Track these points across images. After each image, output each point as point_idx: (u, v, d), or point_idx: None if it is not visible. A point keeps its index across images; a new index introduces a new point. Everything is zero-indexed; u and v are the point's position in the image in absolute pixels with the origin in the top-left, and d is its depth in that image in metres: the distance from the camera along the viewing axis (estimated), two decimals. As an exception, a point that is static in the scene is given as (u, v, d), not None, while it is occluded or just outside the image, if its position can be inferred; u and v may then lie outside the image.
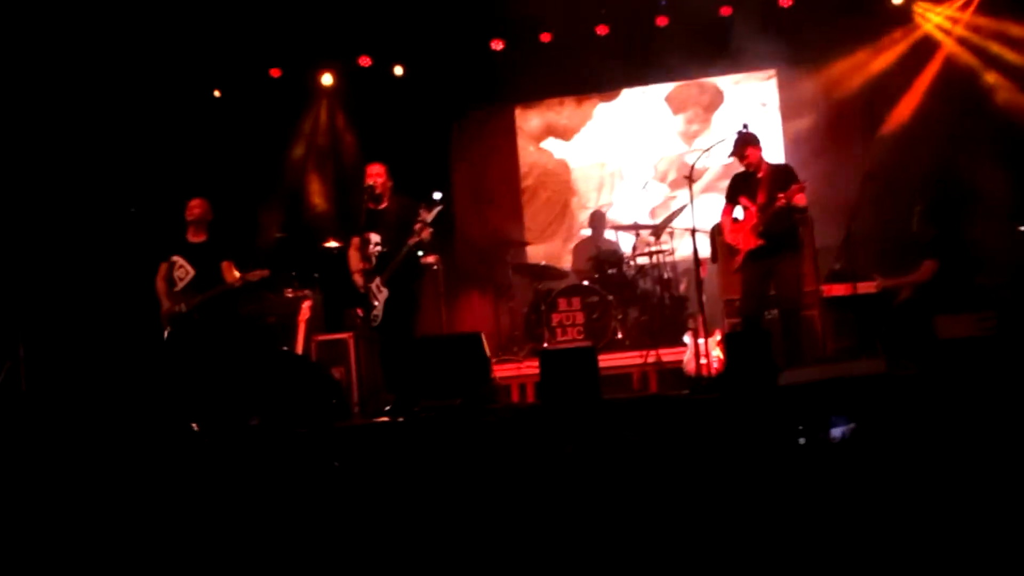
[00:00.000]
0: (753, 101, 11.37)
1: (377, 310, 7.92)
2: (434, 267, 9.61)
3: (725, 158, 8.18)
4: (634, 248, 10.21)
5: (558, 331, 9.73)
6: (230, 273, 8.08)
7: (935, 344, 7.39)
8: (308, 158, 11.51)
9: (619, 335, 9.69)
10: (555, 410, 6.48)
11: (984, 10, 10.40)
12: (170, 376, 8.12)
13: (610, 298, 9.71)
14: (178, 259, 8.20)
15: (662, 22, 10.69)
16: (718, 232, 8.61)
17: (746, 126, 8.08)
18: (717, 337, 8.63)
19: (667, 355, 9.16)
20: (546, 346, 9.47)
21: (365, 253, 7.93)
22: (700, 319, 8.06)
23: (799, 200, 7.73)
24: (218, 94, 11.15)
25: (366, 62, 11.18)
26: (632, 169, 11.62)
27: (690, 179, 7.90)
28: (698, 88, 11.57)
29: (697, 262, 7.96)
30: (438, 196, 8.20)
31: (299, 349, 8.95)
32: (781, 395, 5.11)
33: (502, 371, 9.22)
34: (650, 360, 9.15)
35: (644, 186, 11.10)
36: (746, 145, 7.96)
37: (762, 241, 7.82)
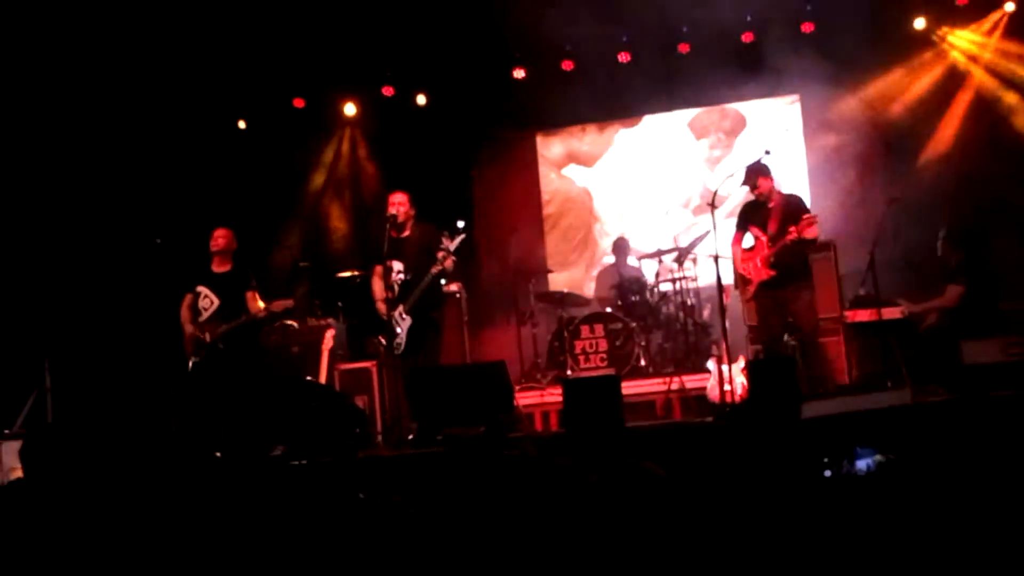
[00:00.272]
0: (776, 126, 11.35)
1: (400, 338, 7.94)
2: (457, 295, 9.62)
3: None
4: (657, 275, 10.19)
5: (581, 358, 9.71)
6: (255, 303, 8.12)
7: (961, 370, 7.33)
8: (330, 187, 11.57)
9: (642, 362, 9.66)
10: (579, 438, 6.46)
11: (1011, 34, 10.37)
12: (195, 406, 8.16)
13: (633, 325, 9.68)
14: (203, 289, 8.24)
15: (684, 49, 10.71)
16: (738, 259, 8.62)
17: (768, 152, 8.09)
18: (741, 363, 8.59)
19: (691, 382, 9.12)
20: (570, 374, 9.44)
21: (388, 281, 7.95)
22: (724, 345, 8.03)
23: (810, 233, 7.77)
24: (243, 125, 11.23)
25: (389, 91, 11.24)
26: (654, 195, 11.61)
27: (712, 205, 7.89)
28: (720, 113, 11.57)
29: (720, 288, 7.93)
30: (461, 224, 8.22)
31: (322, 378, 8.97)
32: (805, 427, 5.08)
33: (525, 399, 9.19)
34: (674, 387, 9.11)
35: (666, 212, 11.09)
36: (758, 175, 8.02)
37: (773, 272, 7.89)
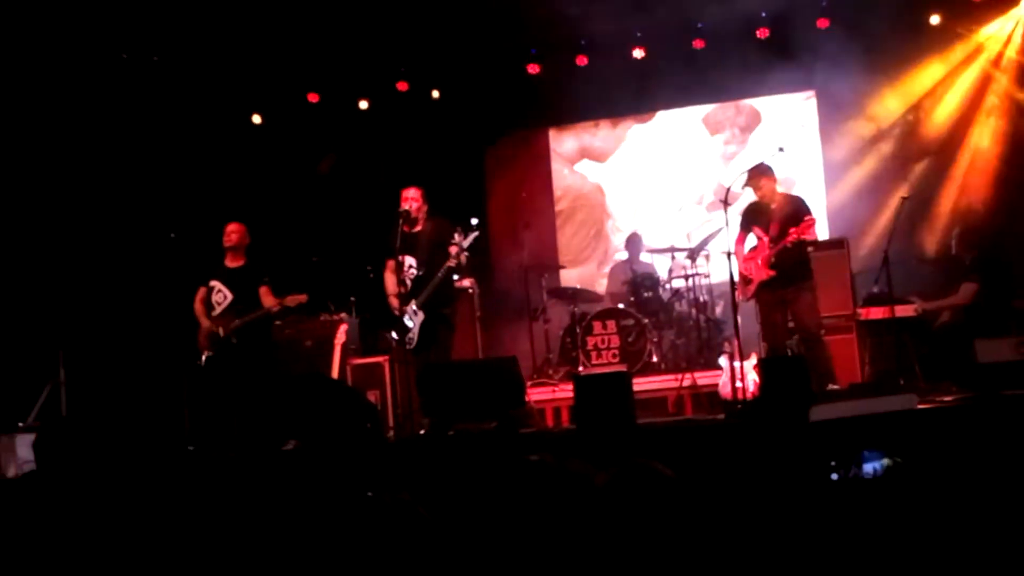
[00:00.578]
0: (792, 122, 11.31)
1: (412, 333, 7.96)
2: (470, 290, 9.63)
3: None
4: (670, 271, 10.18)
5: (593, 354, 9.71)
6: (268, 298, 8.15)
7: (975, 368, 7.30)
8: (347, 181, 11.58)
9: (654, 358, 9.65)
10: (590, 435, 6.47)
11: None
12: (208, 400, 8.20)
13: (645, 321, 9.68)
14: (216, 283, 8.28)
15: (699, 44, 10.67)
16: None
17: (782, 150, 8.11)
18: (753, 360, 8.58)
19: (703, 378, 9.12)
20: (581, 370, 9.45)
21: (400, 276, 7.97)
22: (736, 342, 8.04)
23: (810, 235, 7.89)
24: (258, 119, 11.25)
25: (403, 87, 11.24)
26: (667, 192, 11.59)
27: (725, 202, 7.89)
28: (735, 109, 11.54)
29: (733, 285, 7.93)
30: (475, 222, 8.23)
31: (335, 373, 8.99)
32: (812, 430, 5.07)
33: (537, 394, 9.20)
34: (685, 383, 9.10)
35: (679, 209, 11.08)
36: (760, 176, 8.10)
37: (773, 272, 7.95)
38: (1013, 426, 5.32)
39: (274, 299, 8.13)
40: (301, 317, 9.14)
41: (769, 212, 8.08)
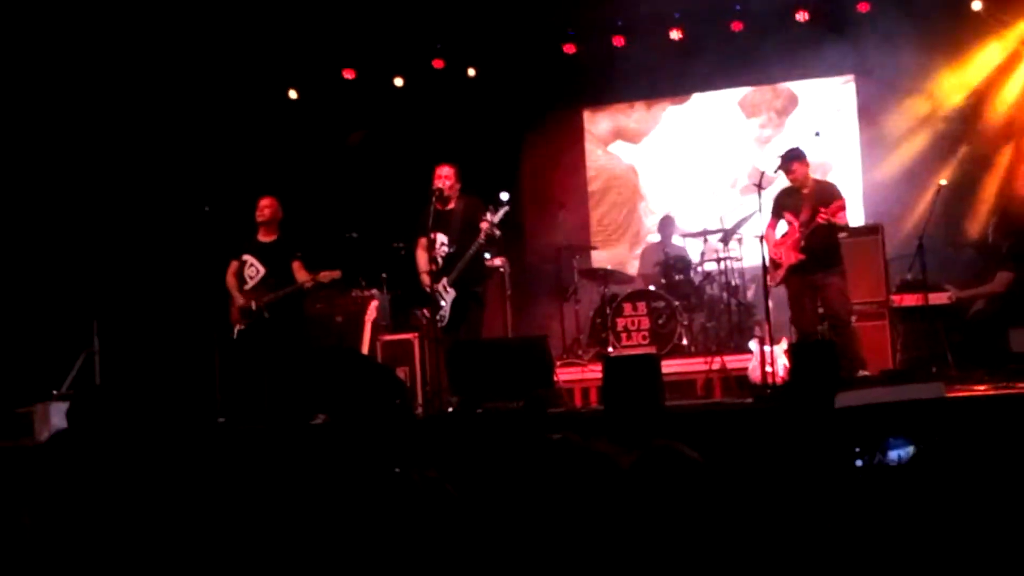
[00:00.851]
0: (829, 106, 11.20)
1: (444, 311, 7.99)
2: (501, 269, 9.64)
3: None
4: (702, 254, 10.14)
5: (623, 336, 9.70)
6: (302, 273, 8.20)
7: (1008, 357, 7.26)
8: (380, 158, 11.59)
9: (684, 341, 9.63)
10: (618, 416, 6.47)
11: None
12: (239, 373, 8.27)
13: (676, 304, 9.65)
14: (249, 258, 8.33)
15: (737, 27, 10.58)
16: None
17: (818, 134, 8.09)
18: (784, 345, 8.55)
19: (732, 362, 9.09)
20: (611, 351, 9.44)
21: (432, 254, 7.99)
22: (767, 326, 8.03)
23: (840, 219, 7.87)
24: (294, 95, 11.28)
25: (439, 64, 11.23)
26: (701, 174, 11.53)
27: (759, 186, 7.87)
28: (772, 92, 11.44)
29: (765, 269, 7.92)
30: (505, 197, 8.24)
31: (365, 348, 9.04)
32: (838, 416, 5.05)
33: (566, 374, 9.21)
34: (715, 367, 9.09)
35: (713, 192, 11.02)
36: (792, 160, 8.08)
37: (803, 256, 7.95)
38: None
39: (307, 274, 8.18)
40: (332, 293, 9.18)
41: (801, 197, 8.06)
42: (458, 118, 11.15)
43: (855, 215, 10.22)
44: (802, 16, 10.35)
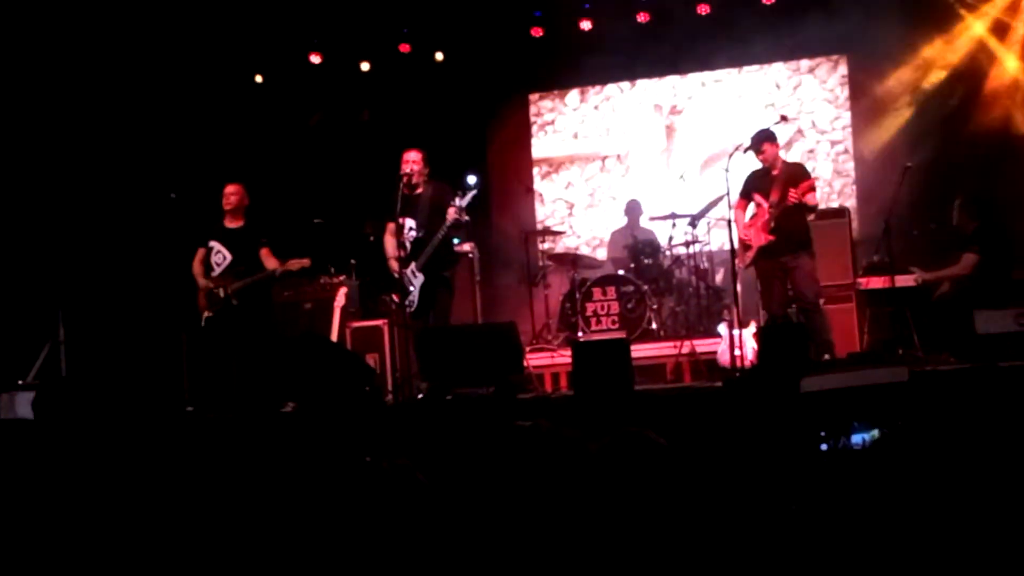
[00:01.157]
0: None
1: (413, 296, 7.97)
2: (470, 254, 9.62)
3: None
4: (670, 238, 10.15)
5: (592, 320, 9.71)
6: (271, 260, 8.15)
7: (973, 339, 7.32)
8: (345, 143, 11.53)
9: (654, 325, 9.66)
10: (587, 401, 6.50)
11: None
12: (207, 360, 8.23)
13: (645, 288, 9.67)
14: (215, 244, 8.28)
15: (704, 10, 10.52)
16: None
17: (784, 118, 8.12)
18: (752, 328, 8.60)
19: (701, 346, 9.12)
20: (581, 336, 9.46)
21: (400, 239, 7.97)
22: (735, 310, 8.06)
23: (810, 199, 7.89)
24: (260, 79, 11.20)
25: (405, 48, 11.18)
26: (670, 158, 11.52)
27: (727, 169, 7.88)
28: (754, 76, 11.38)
29: (733, 252, 7.94)
30: (472, 180, 8.22)
31: (334, 336, 9.00)
32: (803, 400, 5.09)
33: (536, 359, 9.21)
34: (684, 351, 9.12)
35: (681, 176, 11.02)
36: (763, 141, 8.11)
37: (772, 237, 7.97)
38: (1009, 398, 5.33)
39: (276, 261, 8.14)
40: (301, 280, 9.14)
41: (771, 178, 8.09)
42: (425, 103, 11.11)
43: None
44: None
